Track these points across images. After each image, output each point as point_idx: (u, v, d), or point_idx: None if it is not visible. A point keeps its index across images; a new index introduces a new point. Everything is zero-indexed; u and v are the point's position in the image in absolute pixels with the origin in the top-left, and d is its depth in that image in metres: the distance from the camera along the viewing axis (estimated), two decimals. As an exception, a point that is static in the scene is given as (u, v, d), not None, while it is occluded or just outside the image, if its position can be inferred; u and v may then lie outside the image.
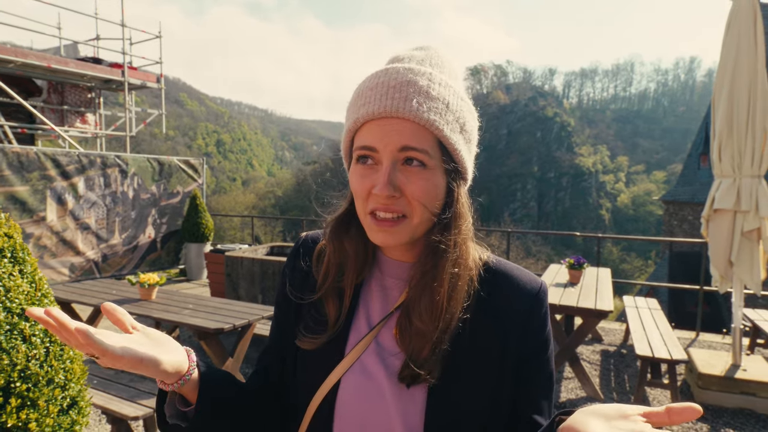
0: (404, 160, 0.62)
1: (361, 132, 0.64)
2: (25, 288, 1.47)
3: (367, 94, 0.64)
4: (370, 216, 0.64)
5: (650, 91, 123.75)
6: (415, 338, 0.64)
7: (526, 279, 0.72)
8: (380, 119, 0.62)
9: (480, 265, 0.70)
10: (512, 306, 0.69)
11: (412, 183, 0.62)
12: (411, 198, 0.62)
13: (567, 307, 3.57)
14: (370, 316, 0.70)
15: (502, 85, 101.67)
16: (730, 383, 3.49)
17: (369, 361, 0.67)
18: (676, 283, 8.76)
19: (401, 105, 0.61)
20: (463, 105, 0.66)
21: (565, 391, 3.75)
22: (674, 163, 75.66)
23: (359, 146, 0.64)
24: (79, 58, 9.18)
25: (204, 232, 7.67)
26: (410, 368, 0.63)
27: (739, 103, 3.44)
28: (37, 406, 1.41)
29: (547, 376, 0.70)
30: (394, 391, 0.65)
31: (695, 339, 5.07)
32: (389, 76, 0.64)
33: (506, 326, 0.68)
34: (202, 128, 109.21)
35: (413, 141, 0.61)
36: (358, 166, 0.64)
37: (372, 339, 0.68)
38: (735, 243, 3.49)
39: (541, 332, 0.70)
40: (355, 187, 0.65)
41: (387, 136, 0.61)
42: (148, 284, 3.57)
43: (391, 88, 0.62)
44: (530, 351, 0.68)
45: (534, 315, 0.69)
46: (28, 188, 5.92)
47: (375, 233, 0.64)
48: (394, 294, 0.71)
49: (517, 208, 76.46)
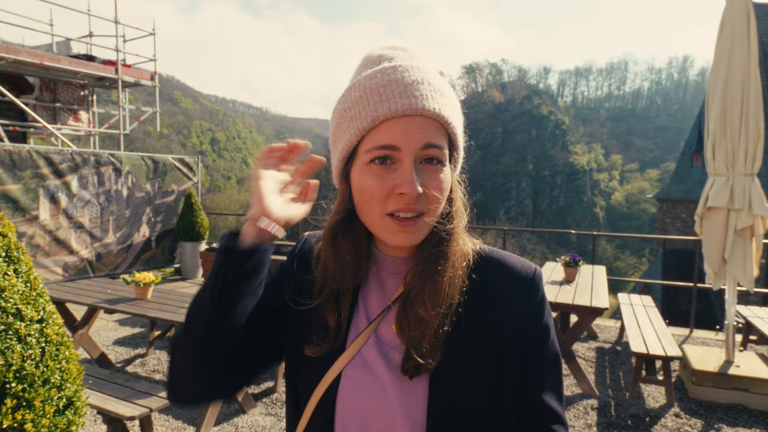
0: (424, 159, 0.63)
1: (376, 131, 0.62)
2: (20, 287, 1.46)
3: (381, 92, 0.62)
4: (389, 218, 0.62)
5: (644, 89, 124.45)
6: (416, 328, 0.64)
7: (520, 265, 0.72)
8: (402, 117, 0.61)
9: (474, 253, 0.71)
10: (507, 292, 0.69)
11: (433, 181, 0.63)
12: (431, 196, 0.63)
13: (563, 305, 3.59)
14: (368, 311, 0.70)
15: (497, 84, 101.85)
16: (724, 379, 3.53)
17: (369, 354, 0.67)
18: (669, 281, 8.83)
19: (422, 102, 0.61)
20: (458, 108, 0.69)
21: (561, 388, 3.78)
22: (667, 161, 76.24)
23: (377, 146, 0.62)
24: (72, 55, 9.09)
25: (199, 230, 7.63)
26: (413, 359, 0.63)
27: (732, 102, 3.46)
28: (33, 406, 1.39)
29: (552, 359, 0.69)
30: (395, 384, 0.65)
31: (689, 336, 5.11)
32: (400, 74, 0.63)
33: (503, 313, 0.67)
34: (196, 126, 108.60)
35: (435, 138, 0.62)
36: (374, 167, 0.62)
37: (371, 332, 0.68)
38: (728, 240, 3.52)
39: (539, 318, 0.69)
40: (372, 188, 0.62)
41: (410, 134, 0.61)
42: (143, 283, 3.55)
43: (407, 86, 0.62)
44: (531, 338, 0.68)
45: (530, 300, 0.69)
46: (20, 187, 5.86)
47: (396, 234, 0.63)
48: (391, 288, 0.71)
49: (512, 206, 76.72)
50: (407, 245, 0.65)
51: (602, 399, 3.58)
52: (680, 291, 13.27)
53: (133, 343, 4.63)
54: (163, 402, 2.47)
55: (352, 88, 0.66)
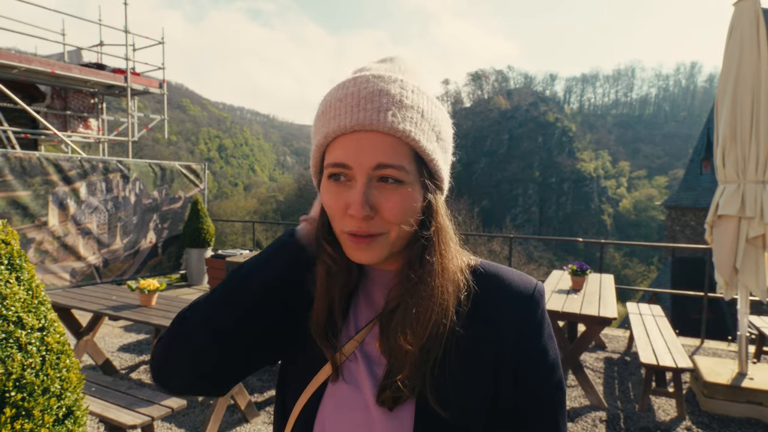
0: (379, 178, 0.59)
1: (333, 147, 0.60)
2: (22, 295, 1.45)
3: (336, 106, 0.59)
4: (347, 235, 0.61)
5: (651, 96, 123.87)
6: (396, 355, 0.61)
7: (518, 281, 0.67)
8: (353, 133, 0.58)
9: (467, 271, 0.66)
10: (504, 311, 0.65)
11: (388, 201, 0.58)
12: (387, 217, 0.59)
13: (570, 314, 3.54)
14: (357, 323, 0.68)
15: (503, 91, 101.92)
16: (737, 392, 3.45)
17: (354, 369, 0.65)
18: (678, 289, 8.67)
19: (375, 117, 0.57)
20: (437, 112, 0.63)
21: (569, 400, 3.71)
22: (676, 168, 75.62)
23: (331, 163, 0.60)
24: (83, 63, 9.22)
25: (205, 237, 7.66)
26: (390, 388, 0.60)
27: (742, 109, 3.42)
28: (32, 416, 1.38)
29: (554, 386, 0.64)
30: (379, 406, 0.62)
31: (700, 346, 5.01)
32: (358, 86, 0.59)
33: (499, 334, 0.63)
34: (204, 133, 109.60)
35: (389, 157, 0.58)
36: (330, 183, 0.61)
37: (356, 345, 0.66)
38: (740, 249, 3.46)
39: (538, 338, 0.65)
40: (330, 205, 0.61)
41: (361, 152, 0.58)
42: (148, 290, 3.55)
43: (362, 99, 0.58)
44: (530, 360, 0.64)
45: (529, 319, 0.65)
46: (30, 193, 5.92)
47: (352, 251, 0.61)
48: (379, 301, 0.68)
49: (519, 213, 76.39)
50: (367, 263, 0.62)
51: (611, 411, 3.51)
52: (690, 300, 13.08)
53: (137, 350, 4.63)
54: (165, 410, 2.45)
55: (321, 101, 0.64)
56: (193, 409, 3.39)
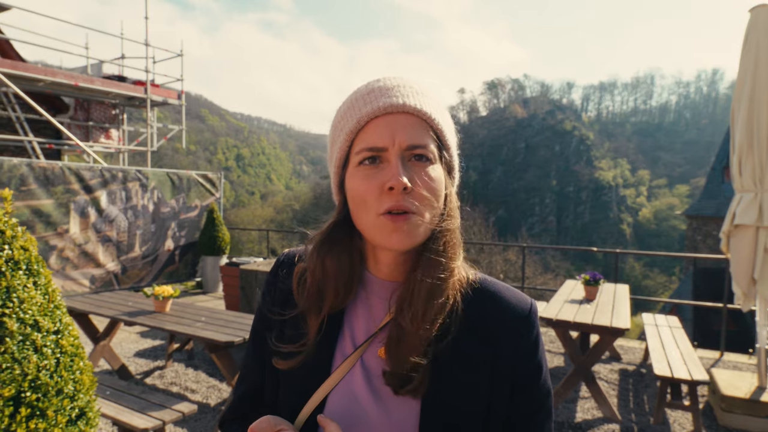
0: (411, 157, 0.63)
1: (363, 133, 0.64)
2: (39, 299, 1.52)
3: (365, 98, 0.65)
4: (383, 216, 0.61)
5: (671, 103, 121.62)
6: (403, 357, 0.63)
7: (515, 300, 0.70)
8: (385, 116, 0.63)
9: (465, 284, 0.68)
10: (501, 328, 0.67)
11: (422, 177, 0.62)
12: (420, 192, 0.61)
13: (582, 324, 3.49)
14: (354, 337, 0.69)
15: (520, 99, 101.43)
16: (756, 406, 3.34)
17: (355, 382, 0.66)
18: (700, 301, 8.45)
19: (404, 100, 0.63)
20: (446, 114, 0.69)
21: (581, 411, 3.65)
22: (697, 176, 73.81)
23: (364, 148, 0.63)
24: (105, 76, 9.53)
25: (220, 245, 7.78)
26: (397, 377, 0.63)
27: (759, 116, 3.36)
28: (46, 416, 1.43)
29: (545, 395, 0.69)
30: (381, 416, 0.64)
31: (719, 359, 4.88)
32: (383, 82, 0.66)
33: (496, 350, 0.66)
34: (222, 143, 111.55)
35: (420, 137, 0.63)
36: (362, 168, 0.63)
37: (357, 359, 0.67)
38: (758, 259, 3.38)
39: (533, 356, 0.68)
40: (363, 189, 0.62)
41: (394, 133, 0.62)
42: (162, 297, 3.63)
43: (389, 89, 0.65)
44: (525, 376, 0.67)
45: (525, 338, 0.68)
46: (52, 202, 6.11)
47: (390, 234, 0.61)
48: (379, 314, 0.69)
49: (536, 222, 75.47)
50: (402, 247, 0.61)
51: (625, 424, 3.44)
52: (712, 312, 12.70)
53: (153, 355, 4.71)
54: (177, 414, 2.49)
55: (341, 105, 0.69)
56: (205, 414, 3.44)
